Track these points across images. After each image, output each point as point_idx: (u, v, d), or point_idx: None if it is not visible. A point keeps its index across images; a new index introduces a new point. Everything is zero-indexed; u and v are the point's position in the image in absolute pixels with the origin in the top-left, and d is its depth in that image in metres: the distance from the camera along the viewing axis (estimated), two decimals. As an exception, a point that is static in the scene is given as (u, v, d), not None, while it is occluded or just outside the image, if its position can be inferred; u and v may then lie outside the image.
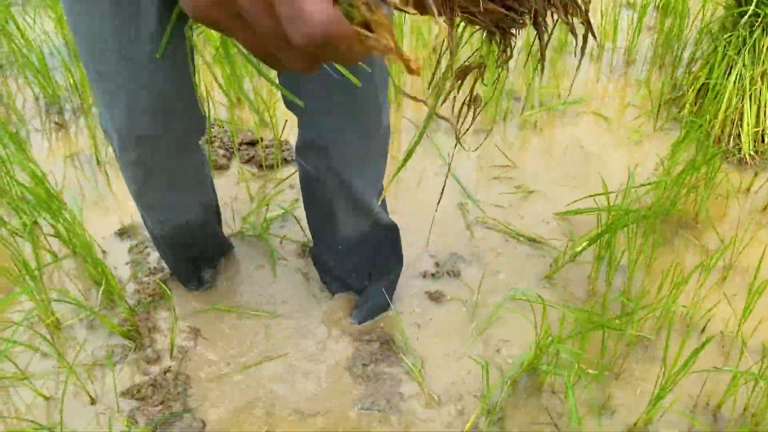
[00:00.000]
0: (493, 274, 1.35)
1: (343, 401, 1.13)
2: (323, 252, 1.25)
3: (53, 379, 1.17)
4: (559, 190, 1.56)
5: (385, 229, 1.19)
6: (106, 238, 1.44)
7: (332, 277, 1.28)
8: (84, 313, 1.27)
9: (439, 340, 1.23)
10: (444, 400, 1.14)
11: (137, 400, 1.13)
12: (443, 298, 1.31)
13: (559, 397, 1.14)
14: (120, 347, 1.22)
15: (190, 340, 1.23)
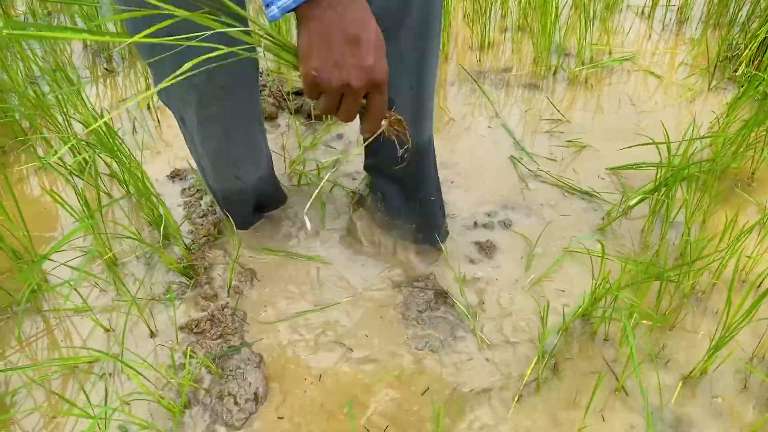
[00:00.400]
0: (545, 225, 1.35)
1: (397, 343, 1.15)
2: (377, 172, 1.26)
3: (113, 312, 1.19)
4: (611, 146, 1.54)
5: (431, 156, 1.20)
6: (159, 181, 1.46)
7: (385, 208, 1.28)
8: (142, 250, 1.29)
9: (492, 289, 1.24)
10: (498, 344, 1.15)
11: (195, 334, 1.16)
12: (495, 249, 1.31)
13: (613, 344, 1.14)
14: (177, 284, 1.24)
15: (246, 280, 1.24)
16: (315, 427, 1.04)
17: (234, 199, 1.25)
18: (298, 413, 1.06)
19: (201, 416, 1.05)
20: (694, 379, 1.09)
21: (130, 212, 1.39)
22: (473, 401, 1.07)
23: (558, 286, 1.24)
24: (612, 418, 1.05)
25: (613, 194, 1.43)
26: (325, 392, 1.08)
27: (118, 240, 1.32)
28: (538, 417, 1.05)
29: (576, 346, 1.14)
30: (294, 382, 1.09)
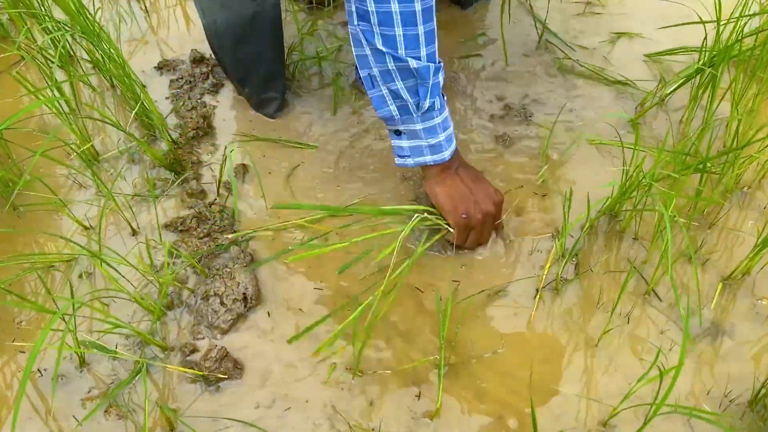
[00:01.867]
0: (572, 116, 1.20)
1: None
2: None
3: (93, 208, 1.10)
4: (650, 32, 1.37)
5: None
6: (146, 72, 1.33)
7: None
8: (125, 145, 1.18)
9: (505, 184, 1.11)
10: (515, 240, 1.03)
11: (181, 232, 1.06)
12: (512, 141, 1.18)
13: (644, 244, 1.02)
14: (162, 180, 1.13)
15: (238, 175, 1.13)
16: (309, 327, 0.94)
17: (234, 38, 1.13)
18: (291, 315, 0.96)
19: (184, 318, 0.96)
20: (736, 280, 0.97)
21: (116, 108, 1.28)
22: (487, 299, 0.96)
23: (583, 181, 1.10)
24: (640, 322, 0.93)
25: (649, 83, 1.27)
26: (323, 295, 0.98)
27: (100, 135, 1.21)
28: (555, 318, 0.94)
29: (602, 244, 1.02)
30: (287, 282, 1.00)
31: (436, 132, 0.92)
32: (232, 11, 1.09)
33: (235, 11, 1.09)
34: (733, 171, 1.02)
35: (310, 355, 0.92)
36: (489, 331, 0.93)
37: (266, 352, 0.93)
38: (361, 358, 0.91)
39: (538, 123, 1.20)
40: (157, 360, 0.92)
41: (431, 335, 0.93)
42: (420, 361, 0.90)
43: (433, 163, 0.95)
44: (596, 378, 0.88)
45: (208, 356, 0.90)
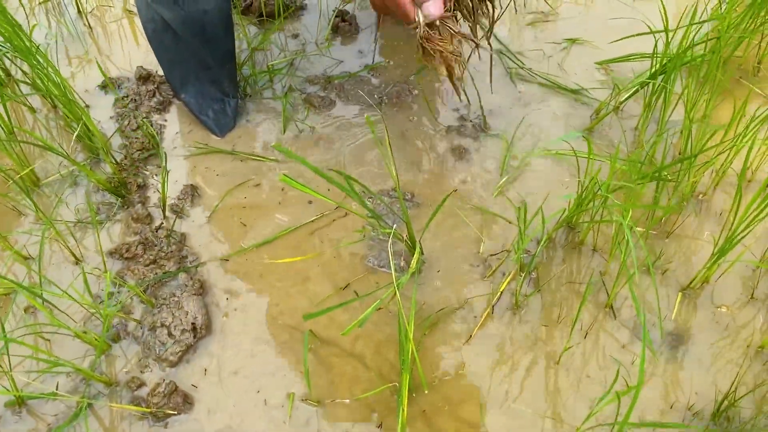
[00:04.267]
0: (527, 127, 1.19)
1: (357, 262, 1.01)
2: None
3: (33, 237, 1.04)
4: (602, 39, 1.36)
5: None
6: (89, 92, 1.28)
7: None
8: (67, 168, 1.13)
9: (461, 197, 1.09)
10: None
11: (126, 259, 1.01)
12: (468, 154, 1.16)
13: (602, 255, 1.01)
14: (106, 205, 1.09)
15: (186, 196, 1.09)
16: (264, 359, 0.91)
17: (186, 32, 1.10)
18: (244, 343, 0.92)
19: (131, 350, 0.92)
20: (695, 290, 0.96)
21: (58, 131, 1.22)
22: (445, 318, 0.94)
23: (536, 190, 1.09)
24: (601, 337, 0.92)
25: (603, 91, 1.26)
26: (277, 322, 0.95)
27: (41, 159, 1.16)
28: (515, 335, 0.92)
29: (561, 257, 1.01)
30: (239, 310, 0.96)
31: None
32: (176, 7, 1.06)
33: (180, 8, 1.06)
34: (689, 178, 1.01)
35: (263, 388, 0.88)
36: (448, 352, 0.91)
37: (217, 385, 0.89)
38: (315, 386, 0.87)
39: (494, 134, 1.19)
40: (101, 397, 0.87)
41: (388, 357, 0.90)
42: (379, 388, 0.87)
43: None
44: (559, 396, 0.86)
45: (156, 391, 0.86)
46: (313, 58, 1.34)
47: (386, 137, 0.92)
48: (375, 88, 1.27)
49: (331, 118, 1.22)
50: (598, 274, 0.98)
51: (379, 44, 1.37)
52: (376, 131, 1.19)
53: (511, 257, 0.99)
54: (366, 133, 1.19)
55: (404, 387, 0.82)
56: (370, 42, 1.37)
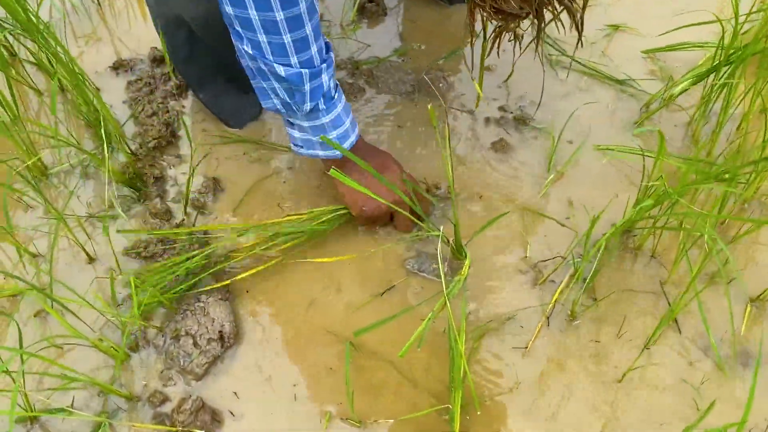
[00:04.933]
0: (571, 119, 1.11)
1: (396, 264, 0.93)
2: None
3: (41, 233, 0.96)
4: (650, 25, 1.28)
5: None
6: (100, 73, 1.19)
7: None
8: (78, 158, 1.04)
9: (502, 197, 1.01)
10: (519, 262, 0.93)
11: (144, 258, 0.93)
12: (510, 148, 1.07)
13: (661, 262, 0.93)
14: (121, 198, 1.00)
15: (207, 190, 1.01)
16: (298, 372, 0.83)
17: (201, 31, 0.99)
18: (276, 354, 0.84)
19: (152, 360, 0.84)
20: (764, 301, 0.89)
21: (67, 115, 1.13)
22: (491, 330, 0.86)
23: (584, 193, 1.01)
24: (665, 353, 0.84)
25: (651, 82, 1.18)
26: (311, 329, 0.87)
27: (49, 146, 1.07)
28: (572, 349, 0.84)
29: (615, 264, 0.93)
30: (270, 317, 0.88)
31: (325, 130, 0.86)
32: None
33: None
34: (759, 180, 0.94)
35: (299, 404, 0.80)
36: (500, 368, 0.83)
37: (247, 401, 0.81)
38: (358, 405, 0.80)
39: (538, 127, 1.10)
40: (122, 413, 0.79)
41: (437, 372, 0.83)
42: (429, 410, 0.79)
43: (326, 158, 0.90)
44: (622, 419, 0.79)
45: (181, 408, 0.78)
46: (338, 41, 1.25)
47: (446, 131, 0.84)
48: (406, 75, 1.19)
49: (360, 106, 1.14)
50: (657, 284, 0.91)
51: (410, 27, 1.28)
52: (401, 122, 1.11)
53: (568, 264, 0.92)
54: (400, 123, 1.10)
55: (456, 408, 0.74)
56: (399, 24, 1.28)
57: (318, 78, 0.81)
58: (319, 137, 0.85)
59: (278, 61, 0.77)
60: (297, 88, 0.80)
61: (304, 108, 0.82)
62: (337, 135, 0.87)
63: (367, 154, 0.92)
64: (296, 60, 0.78)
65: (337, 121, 0.86)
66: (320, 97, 0.82)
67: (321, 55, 0.81)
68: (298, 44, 0.77)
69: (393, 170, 0.91)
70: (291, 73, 0.78)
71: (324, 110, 0.84)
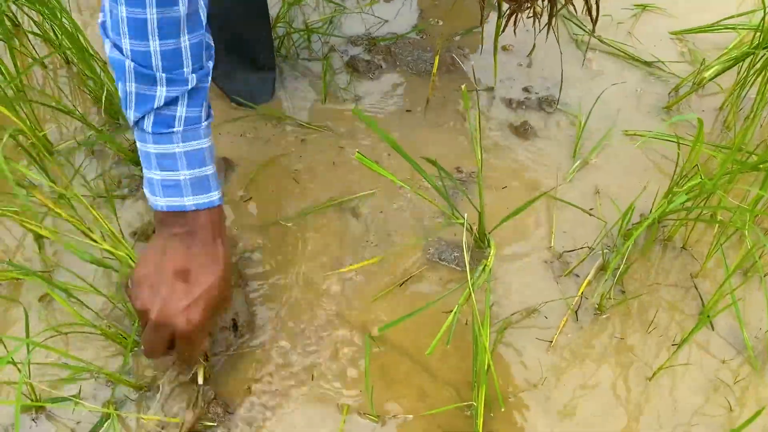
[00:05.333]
0: (598, 103, 1.06)
1: (415, 248, 0.89)
2: None
3: (45, 213, 0.92)
4: (679, 6, 1.23)
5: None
6: (106, 46, 1.14)
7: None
8: (85, 133, 1.00)
9: (525, 183, 0.97)
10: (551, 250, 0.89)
11: (154, 242, 0.89)
12: (534, 131, 1.03)
13: (691, 253, 0.89)
14: (129, 178, 0.96)
15: (218, 170, 0.96)
16: (314, 362, 0.80)
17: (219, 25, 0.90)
18: (292, 343, 0.81)
19: (162, 350, 0.80)
20: (801, 297, 0.85)
21: (71, 88, 1.09)
22: (515, 323, 0.83)
23: (612, 179, 0.97)
24: (696, 351, 0.81)
25: (680, 65, 1.13)
26: (328, 318, 0.83)
27: (52, 122, 1.03)
28: (600, 344, 0.81)
29: (644, 254, 0.89)
30: (285, 304, 0.84)
31: (149, 162, 0.66)
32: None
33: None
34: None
35: (314, 396, 0.77)
36: (523, 363, 0.80)
37: (260, 393, 0.78)
38: (375, 398, 0.76)
39: (563, 109, 1.06)
40: (129, 403, 0.76)
41: (456, 363, 0.79)
42: (450, 406, 0.76)
43: (148, 203, 0.68)
44: (651, 418, 0.76)
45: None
46: (354, 16, 1.20)
47: (477, 113, 0.79)
48: (425, 52, 1.14)
49: (378, 84, 1.09)
50: (688, 277, 0.87)
51: (428, 1, 1.23)
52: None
53: (594, 255, 0.88)
54: (419, 102, 1.06)
55: (480, 404, 0.71)
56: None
57: (150, 86, 0.62)
58: (144, 170, 0.66)
59: (113, 38, 0.60)
60: (119, 76, 0.62)
61: (128, 116, 0.64)
62: (163, 179, 0.65)
63: (200, 231, 0.67)
64: (127, 45, 0.60)
65: (167, 161, 0.64)
66: (148, 113, 0.63)
67: (178, 58, 0.62)
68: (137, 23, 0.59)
69: (215, 279, 0.66)
70: (114, 57, 0.61)
71: (153, 134, 0.64)
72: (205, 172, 0.67)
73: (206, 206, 0.67)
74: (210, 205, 0.67)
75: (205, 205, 0.67)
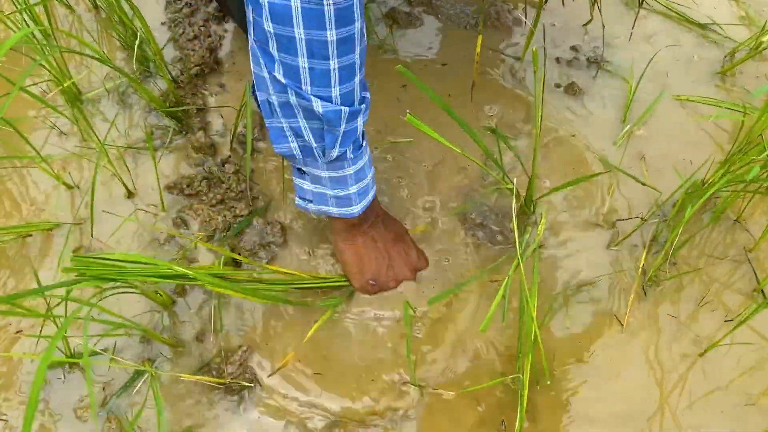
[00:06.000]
0: (649, 66, 1.01)
1: (457, 237, 0.86)
2: None
3: (76, 164, 0.89)
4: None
5: None
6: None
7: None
8: (113, 82, 0.96)
9: (572, 148, 0.93)
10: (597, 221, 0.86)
11: (188, 196, 0.86)
12: (582, 92, 0.99)
13: (745, 226, 0.86)
14: (161, 129, 0.93)
15: (255, 124, 0.93)
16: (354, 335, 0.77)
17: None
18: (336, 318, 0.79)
19: (195, 305, 0.78)
20: None
21: (98, 34, 1.05)
22: (564, 295, 0.80)
23: (665, 146, 0.93)
24: (750, 329, 0.78)
25: (737, 28, 1.08)
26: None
27: (79, 70, 0.99)
28: (650, 318, 0.78)
29: (692, 227, 0.86)
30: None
31: (346, 184, 0.72)
32: None
33: None
34: None
35: (353, 361, 0.75)
36: (570, 336, 0.77)
37: (299, 355, 0.76)
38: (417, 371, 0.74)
39: (612, 71, 1.01)
40: (165, 362, 0.74)
41: (494, 339, 0.77)
42: (496, 380, 0.74)
43: (339, 216, 0.74)
44: (701, 397, 0.74)
45: (231, 359, 0.73)
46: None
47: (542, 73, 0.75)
48: (467, 5, 1.08)
49: (419, 38, 1.04)
50: (742, 251, 0.84)
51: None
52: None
53: (645, 226, 0.84)
54: (461, 58, 1.01)
55: (525, 376, 0.69)
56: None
57: (354, 120, 0.66)
58: (335, 191, 0.72)
59: (316, 93, 0.62)
60: (330, 129, 0.65)
61: (330, 155, 0.68)
62: (359, 189, 0.73)
63: (384, 219, 0.81)
64: (338, 92, 0.63)
65: (360, 173, 0.72)
66: (350, 143, 0.68)
67: (361, 90, 0.66)
68: (344, 72, 0.62)
69: (409, 242, 0.82)
70: (329, 110, 0.63)
71: (351, 159, 0.70)
72: (372, 167, 0.75)
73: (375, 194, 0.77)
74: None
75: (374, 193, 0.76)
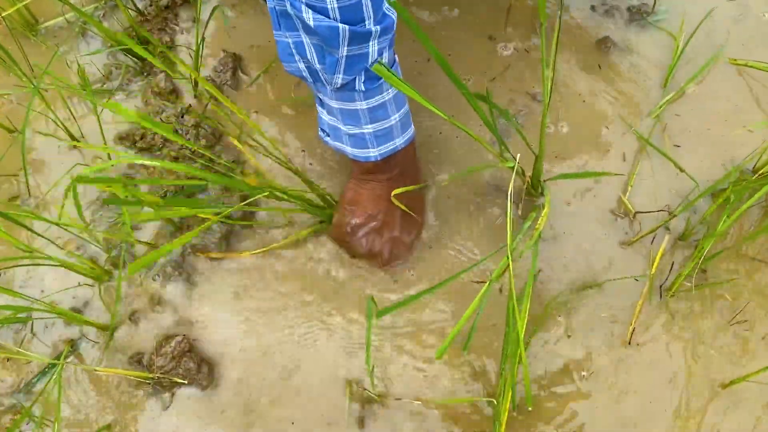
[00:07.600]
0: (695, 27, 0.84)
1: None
2: None
3: (20, 104, 0.78)
4: None
5: None
6: None
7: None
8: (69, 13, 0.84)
9: (597, 117, 0.78)
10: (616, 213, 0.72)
11: (140, 149, 0.75)
12: (616, 49, 0.82)
13: (799, 230, 0.71)
14: (117, 67, 0.81)
15: (225, 68, 0.80)
16: (310, 325, 0.66)
17: None
18: (288, 306, 0.68)
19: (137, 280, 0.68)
20: None
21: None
22: (566, 299, 0.67)
23: (711, 119, 0.77)
24: (791, 357, 0.64)
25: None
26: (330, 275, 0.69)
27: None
28: (668, 335, 0.65)
29: (735, 226, 0.71)
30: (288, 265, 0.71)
31: (358, 121, 0.62)
32: None
33: None
34: None
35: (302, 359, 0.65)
36: (568, 350, 0.65)
37: (244, 352, 0.65)
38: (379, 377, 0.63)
39: (656, 25, 0.84)
40: (89, 349, 0.64)
41: (481, 341, 0.65)
42: (466, 399, 0.62)
43: (353, 157, 0.66)
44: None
45: (162, 350, 0.63)
46: None
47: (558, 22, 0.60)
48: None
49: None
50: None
51: None
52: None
53: (675, 221, 0.70)
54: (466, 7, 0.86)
55: (506, 400, 0.57)
56: None
57: (363, 44, 0.56)
58: (348, 128, 0.63)
59: (311, 3, 0.52)
60: (329, 49, 0.56)
61: (334, 81, 0.59)
62: (375, 131, 0.63)
63: (405, 174, 0.69)
64: (335, 4, 0.53)
65: (378, 112, 0.62)
66: (360, 73, 0.58)
67: (377, 10, 0.55)
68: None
69: (411, 236, 0.71)
70: (322, 24, 0.53)
71: (362, 92, 0.60)
72: (407, 107, 0.64)
73: (411, 139, 0.66)
74: (413, 136, 0.66)
75: (410, 138, 0.66)
